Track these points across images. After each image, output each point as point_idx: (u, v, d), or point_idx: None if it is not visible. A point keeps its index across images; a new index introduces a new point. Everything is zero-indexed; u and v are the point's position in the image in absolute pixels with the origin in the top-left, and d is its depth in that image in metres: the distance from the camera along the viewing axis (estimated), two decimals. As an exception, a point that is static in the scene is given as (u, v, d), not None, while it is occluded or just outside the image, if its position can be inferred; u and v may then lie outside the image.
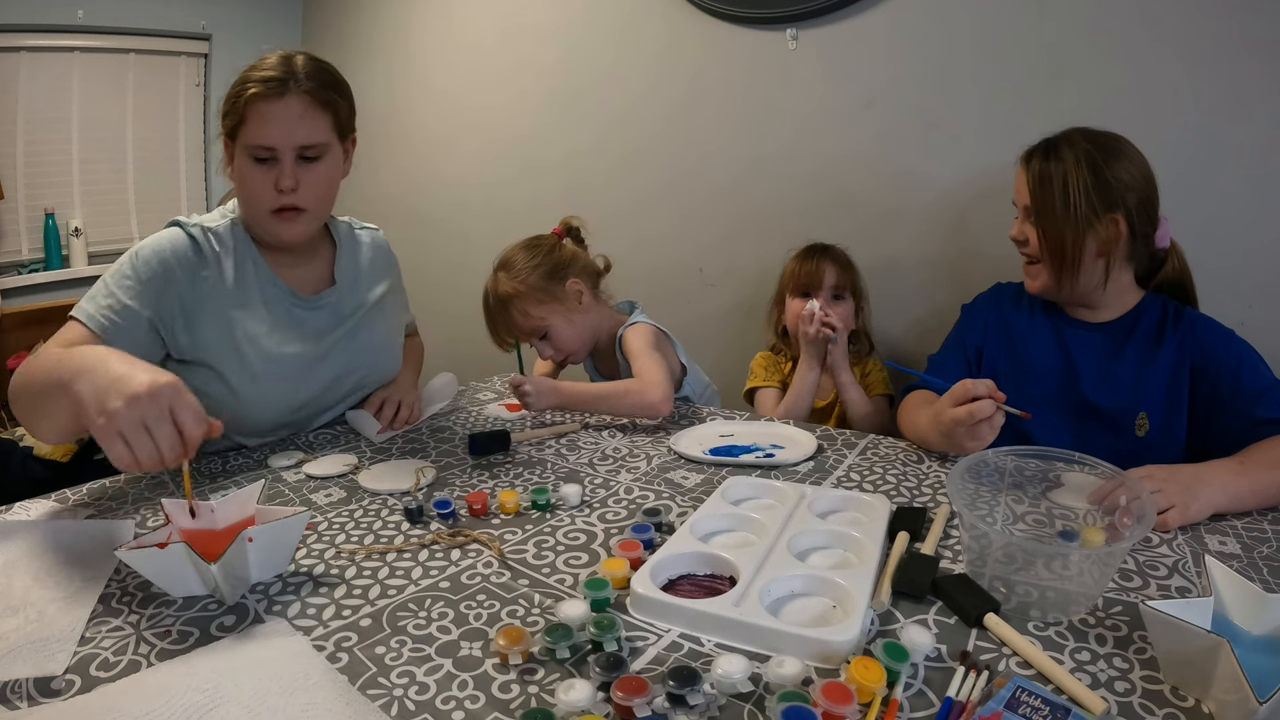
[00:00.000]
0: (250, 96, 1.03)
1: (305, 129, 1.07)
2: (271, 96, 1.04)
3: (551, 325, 1.44)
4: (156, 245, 1.09)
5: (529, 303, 1.42)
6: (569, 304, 1.44)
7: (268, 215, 1.11)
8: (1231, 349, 1.10)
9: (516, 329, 1.45)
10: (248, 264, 1.16)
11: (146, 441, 0.74)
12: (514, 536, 0.89)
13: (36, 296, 2.64)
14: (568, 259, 1.47)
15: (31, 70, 2.57)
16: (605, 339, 1.51)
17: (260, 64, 1.07)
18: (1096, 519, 0.84)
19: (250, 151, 1.07)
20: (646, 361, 1.33)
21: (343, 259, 1.27)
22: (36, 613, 0.72)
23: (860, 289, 1.68)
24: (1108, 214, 1.12)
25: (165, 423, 0.74)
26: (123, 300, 1.05)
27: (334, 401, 1.28)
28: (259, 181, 1.08)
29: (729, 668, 0.60)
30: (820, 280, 1.63)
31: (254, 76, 1.05)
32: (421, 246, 2.78)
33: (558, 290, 1.43)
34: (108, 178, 2.79)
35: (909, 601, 0.74)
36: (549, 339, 1.46)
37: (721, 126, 1.98)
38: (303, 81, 1.06)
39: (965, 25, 1.61)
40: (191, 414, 0.76)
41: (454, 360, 2.54)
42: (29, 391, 0.90)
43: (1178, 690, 0.61)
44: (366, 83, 2.87)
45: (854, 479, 1.04)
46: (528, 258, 1.45)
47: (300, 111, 1.06)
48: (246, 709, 0.58)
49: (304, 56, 1.09)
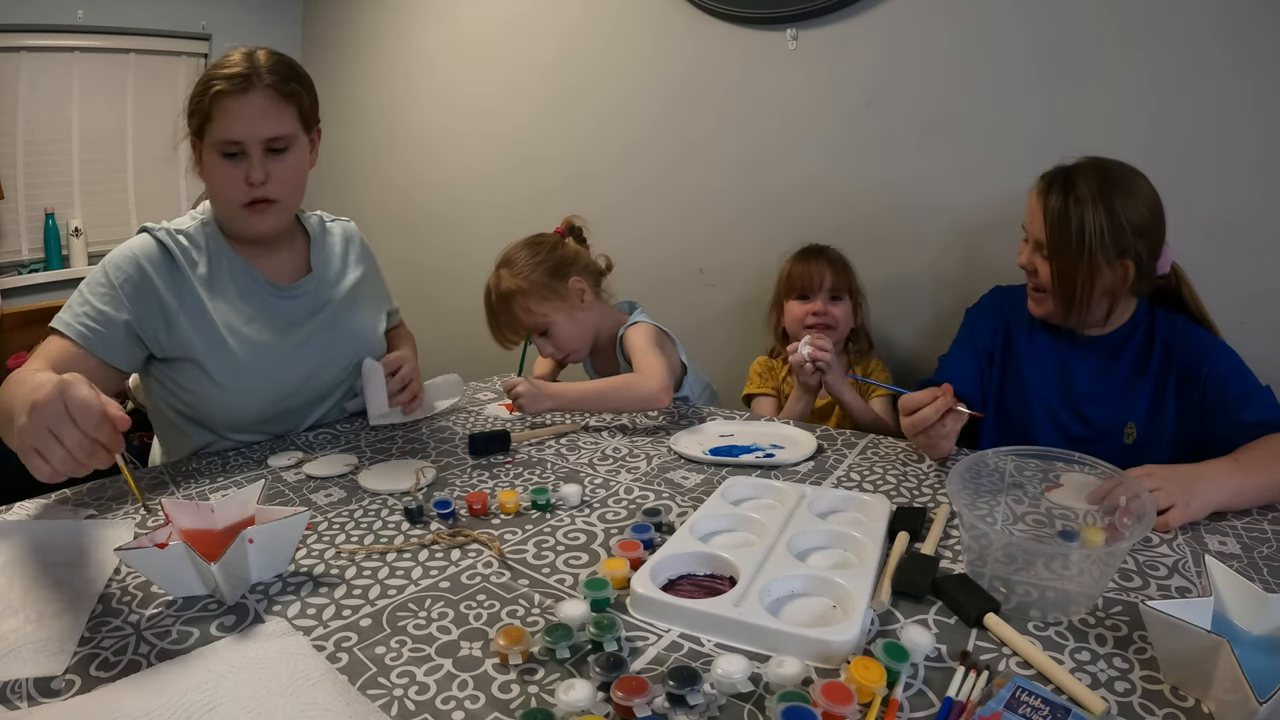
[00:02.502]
0: (216, 94, 1.05)
1: (270, 122, 1.09)
2: (236, 92, 1.06)
3: (553, 322, 1.44)
4: (127, 251, 1.12)
5: (531, 299, 1.42)
6: (571, 302, 1.44)
7: (239, 210, 1.13)
8: (1219, 356, 1.12)
9: (518, 326, 1.45)
10: (221, 259, 1.18)
11: (55, 447, 0.73)
12: (514, 536, 0.89)
13: (36, 296, 2.64)
14: (570, 257, 1.47)
15: (31, 70, 2.57)
16: (605, 338, 1.51)
17: (223, 62, 1.09)
18: (1096, 519, 0.84)
19: (219, 148, 1.09)
20: (647, 356, 1.33)
21: (316, 248, 1.30)
22: (36, 613, 0.72)
23: (858, 288, 1.68)
24: (1119, 259, 1.13)
25: (66, 423, 0.73)
26: (99, 307, 1.07)
27: (320, 393, 1.28)
28: (229, 177, 1.10)
29: (729, 668, 0.60)
30: (817, 283, 1.63)
31: (218, 74, 1.07)
32: (422, 246, 2.78)
33: (560, 288, 1.43)
34: (108, 178, 2.79)
35: (909, 601, 0.74)
36: (550, 336, 1.46)
37: (721, 126, 1.98)
38: (265, 76, 1.08)
39: (964, 25, 1.61)
40: (80, 408, 0.73)
41: (454, 360, 2.55)
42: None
43: (1178, 690, 0.61)
44: (366, 82, 2.88)
45: (854, 479, 1.04)
46: (530, 255, 1.45)
47: (265, 105, 1.08)
48: (246, 709, 0.58)
49: (265, 51, 1.12)
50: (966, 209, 1.67)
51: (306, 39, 3.11)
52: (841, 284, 1.64)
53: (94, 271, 1.10)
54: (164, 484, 1.06)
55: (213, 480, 1.07)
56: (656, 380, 1.26)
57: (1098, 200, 1.12)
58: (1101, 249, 1.12)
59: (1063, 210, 1.14)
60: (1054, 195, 1.16)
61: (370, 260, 1.40)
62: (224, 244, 1.19)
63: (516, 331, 1.47)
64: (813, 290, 1.63)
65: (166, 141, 1.21)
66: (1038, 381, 1.23)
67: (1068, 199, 1.14)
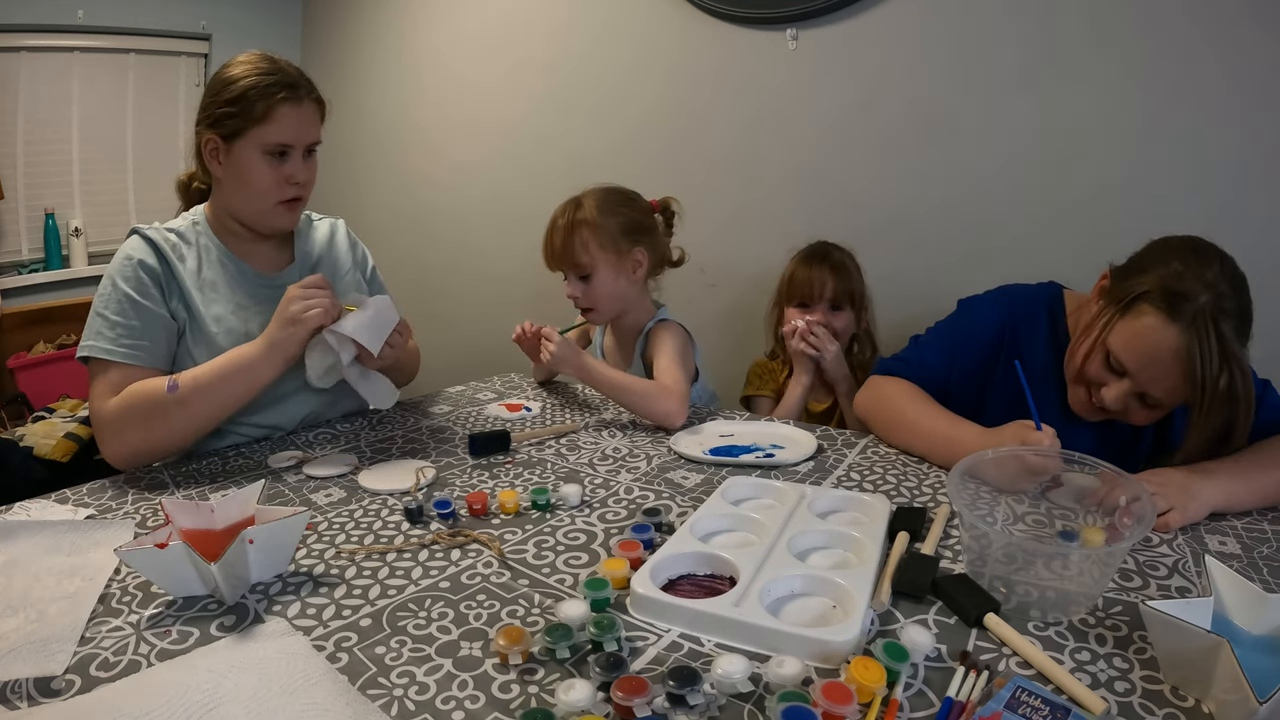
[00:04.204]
0: (279, 100, 1.14)
1: (315, 128, 1.22)
2: (295, 99, 1.16)
3: (598, 272, 1.39)
4: (125, 256, 1.16)
5: (594, 239, 1.38)
6: (624, 267, 1.41)
7: (274, 206, 1.20)
8: None
9: (570, 257, 1.39)
10: (211, 252, 1.23)
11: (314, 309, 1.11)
12: (514, 536, 0.89)
13: (36, 296, 2.64)
14: (649, 228, 1.44)
15: (31, 70, 2.57)
16: (629, 323, 1.48)
17: (261, 69, 1.15)
18: (1096, 519, 0.84)
19: (267, 149, 1.16)
20: (672, 369, 1.31)
21: (301, 241, 1.34)
22: (37, 613, 0.72)
23: (860, 294, 1.64)
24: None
25: (304, 300, 1.12)
26: (129, 322, 1.12)
27: (314, 388, 1.27)
28: (271, 176, 1.18)
29: (729, 668, 0.60)
30: (818, 292, 1.60)
31: (271, 82, 1.14)
32: (423, 241, 2.78)
33: (623, 247, 1.39)
34: (108, 178, 2.79)
35: (909, 601, 0.74)
36: (589, 282, 1.40)
37: (722, 126, 1.98)
38: (310, 88, 1.20)
39: (965, 25, 1.61)
40: (297, 297, 1.12)
41: (455, 354, 2.55)
42: (196, 405, 1.09)
43: (1178, 690, 0.61)
44: (366, 82, 2.88)
45: (854, 479, 1.04)
46: (619, 201, 1.42)
47: (313, 112, 1.20)
48: (246, 709, 0.58)
49: (286, 61, 1.20)
50: (966, 209, 1.67)
51: (306, 39, 3.12)
52: (843, 292, 1.60)
53: (103, 290, 1.14)
54: (164, 484, 1.06)
55: (213, 480, 1.08)
56: (675, 402, 1.26)
57: (1229, 340, 0.91)
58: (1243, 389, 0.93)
59: (1189, 349, 0.91)
60: (1183, 329, 0.91)
61: (358, 254, 1.42)
62: (214, 239, 1.23)
63: (562, 260, 1.41)
64: (813, 299, 1.60)
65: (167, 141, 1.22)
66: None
67: (1202, 337, 0.90)
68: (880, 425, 1.19)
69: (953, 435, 1.06)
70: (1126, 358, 0.98)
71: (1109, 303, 1.01)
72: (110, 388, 1.09)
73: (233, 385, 1.11)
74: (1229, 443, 0.95)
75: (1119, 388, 1.00)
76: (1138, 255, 1.03)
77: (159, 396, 1.07)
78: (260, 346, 1.12)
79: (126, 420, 1.08)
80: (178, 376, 1.09)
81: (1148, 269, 0.98)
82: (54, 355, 2.52)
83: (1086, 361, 1.03)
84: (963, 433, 1.05)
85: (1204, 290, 0.91)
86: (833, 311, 1.61)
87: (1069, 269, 1.28)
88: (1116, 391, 1.01)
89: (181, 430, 1.10)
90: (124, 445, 1.09)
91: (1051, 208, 1.57)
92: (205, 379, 1.10)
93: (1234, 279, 0.94)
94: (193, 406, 1.09)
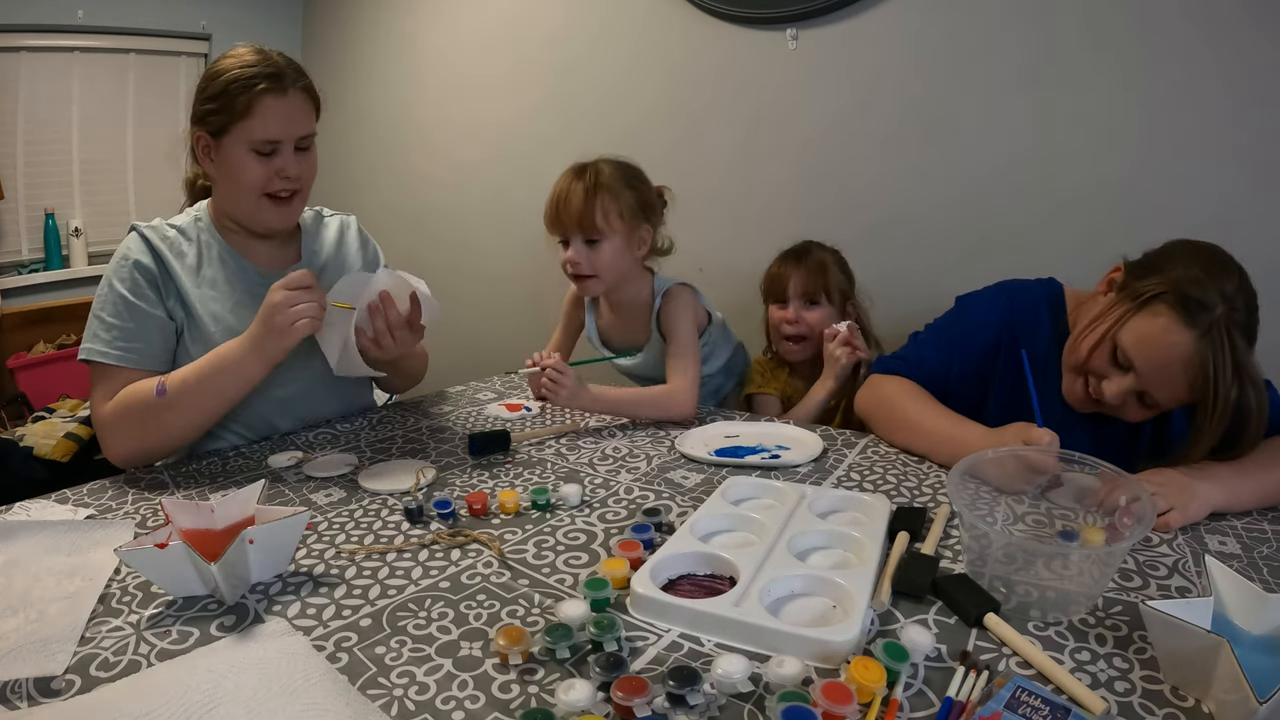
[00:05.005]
0: (259, 92, 1.09)
1: (304, 121, 1.16)
2: (278, 91, 1.11)
3: (609, 240, 1.37)
4: (121, 256, 1.15)
5: (612, 205, 1.36)
6: (633, 241, 1.40)
7: (264, 202, 1.17)
8: None
9: (584, 218, 1.36)
10: (213, 248, 1.21)
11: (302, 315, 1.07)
12: (514, 536, 0.89)
13: (36, 296, 2.64)
14: (657, 210, 1.44)
15: (31, 70, 2.58)
16: (628, 296, 1.47)
17: (246, 60, 1.11)
18: (1097, 519, 0.84)
19: (253, 145, 1.12)
20: (685, 362, 1.33)
21: (309, 240, 1.32)
22: (37, 613, 0.72)
23: (844, 290, 1.62)
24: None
25: (290, 305, 1.06)
26: (125, 324, 1.11)
27: (314, 387, 1.28)
28: (260, 172, 1.14)
29: (729, 668, 0.60)
30: (785, 289, 1.60)
31: (252, 74, 1.09)
32: (425, 240, 2.78)
33: (634, 223, 1.39)
34: (108, 178, 2.79)
35: (909, 601, 0.74)
36: (596, 248, 1.38)
37: (722, 126, 1.98)
38: (295, 76, 1.14)
39: (965, 25, 1.61)
40: (281, 295, 1.07)
41: (456, 353, 2.55)
42: (186, 408, 1.08)
43: (1178, 690, 0.61)
44: (367, 81, 2.88)
45: (854, 479, 1.04)
46: (635, 176, 1.43)
47: (300, 104, 1.15)
48: (246, 709, 0.57)
49: (276, 51, 1.16)
50: (965, 208, 1.67)
51: (306, 39, 3.12)
52: (816, 288, 1.59)
53: (101, 292, 1.13)
54: (164, 484, 1.06)
55: (213, 480, 1.08)
56: (688, 404, 1.28)
57: (1237, 348, 0.91)
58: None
59: (1204, 357, 0.91)
60: (1196, 338, 0.91)
61: (369, 253, 1.40)
62: (216, 235, 1.21)
63: (578, 223, 1.35)
64: (785, 296, 1.61)
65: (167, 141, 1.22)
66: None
67: (1214, 343, 0.91)
68: (881, 425, 1.19)
69: (955, 435, 1.06)
70: (1136, 355, 0.97)
71: (1122, 297, 1.00)
72: (108, 390, 1.09)
73: (219, 386, 1.09)
74: (1233, 451, 0.95)
75: (1121, 383, 0.99)
76: (1156, 253, 1.01)
77: (150, 400, 1.07)
78: (245, 347, 1.08)
79: (123, 422, 1.08)
80: (166, 378, 1.08)
81: (1166, 269, 0.96)
82: (54, 355, 2.52)
83: (1093, 353, 1.01)
84: (965, 432, 1.05)
85: (1221, 301, 0.91)
86: (808, 308, 1.60)
87: (1067, 268, 1.28)
88: (1118, 387, 1.00)
89: (177, 430, 1.10)
90: (123, 446, 1.09)
91: (1050, 207, 1.57)
92: (192, 381, 1.08)
93: (1249, 295, 0.94)
94: (182, 409, 1.08)
